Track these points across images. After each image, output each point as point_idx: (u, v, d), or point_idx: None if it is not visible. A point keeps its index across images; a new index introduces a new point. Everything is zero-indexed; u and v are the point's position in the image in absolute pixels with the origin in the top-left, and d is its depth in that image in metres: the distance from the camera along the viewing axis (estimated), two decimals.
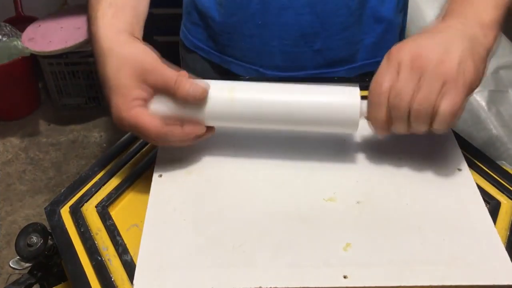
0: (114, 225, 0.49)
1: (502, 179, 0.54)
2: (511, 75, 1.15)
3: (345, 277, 0.42)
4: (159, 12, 1.54)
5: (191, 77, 0.49)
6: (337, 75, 0.71)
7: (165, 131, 0.48)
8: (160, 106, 0.49)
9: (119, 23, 0.51)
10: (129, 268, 0.45)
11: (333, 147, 0.55)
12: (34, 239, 0.53)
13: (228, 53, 0.73)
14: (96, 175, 0.55)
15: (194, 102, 0.48)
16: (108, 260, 0.46)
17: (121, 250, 0.46)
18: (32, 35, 1.57)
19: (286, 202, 0.49)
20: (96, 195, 0.52)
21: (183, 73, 0.48)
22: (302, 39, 0.67)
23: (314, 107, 0.49)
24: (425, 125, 0.47)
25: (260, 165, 0.53)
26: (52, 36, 1.55)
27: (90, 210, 0.51)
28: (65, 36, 1.54)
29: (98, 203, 0.51)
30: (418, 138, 0.52)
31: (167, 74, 0.48)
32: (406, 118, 0.47)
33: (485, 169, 0.55)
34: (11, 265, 0.55)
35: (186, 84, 0.47)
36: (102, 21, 0.51)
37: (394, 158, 0.54)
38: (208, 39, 0.74)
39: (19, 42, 1.55)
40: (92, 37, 0.51)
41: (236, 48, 0.71)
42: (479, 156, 0.56)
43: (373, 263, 0.44)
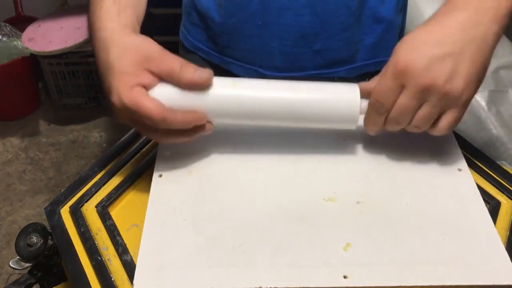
0: (114, 225, 0.49)
1: (502, 179, 0.54)
2: (511, 75, 1.15)
3: (345, 277, 0.42)
4: (159, 12, 1.55)
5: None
6: (337, 76, 0.71)
7: (167, 114, 0.47)
8: (164, 92, 0.48)
9: (123, 20, 0.51)
10: (129, 268, 0.45)
11: (334, 147, 0.55)
12: (34, 239, 0.53)
13: (228, 54, 0.72)
14: (96, 175, 0.55)
15: (199, 89, 0.48)
16: (108, 260, 0.46)
17: (121, 250, 0.47)
18: (32, 35, 1.57)
19: (286, 202, 0.49)
20: (96, 195, 0.52)
21: (187, 62, 0.48)
22: (302, 40, 0.67)
23: (314, 103, 0.49)
24: (421, 132, 0.49)
25: (260, 165, 0.53)
26: (52, 36, 1.55)
27: (90, 210, 0.51)
28: (65, 36, 1.54)
29: (98, 203, 0.51)
30: (418, 138, 0.52)
31: (172, 61, 0.48)
32: (404, 127, 0.49)
33: (485, 169, 0.55)
34: (11, 265, 0.55)
35: (192, 70, 0.47)
36: (106, 16, 0.51)
37: (394, 158, 0.54)
38: (208, 40, 0.74)
39: (19, 42, 1.55)
40: (95, 31, 0.51)
41: (236, 49, 0.71)
42: (479, 156, 0.56)
43: (373, 263, 0.44)
